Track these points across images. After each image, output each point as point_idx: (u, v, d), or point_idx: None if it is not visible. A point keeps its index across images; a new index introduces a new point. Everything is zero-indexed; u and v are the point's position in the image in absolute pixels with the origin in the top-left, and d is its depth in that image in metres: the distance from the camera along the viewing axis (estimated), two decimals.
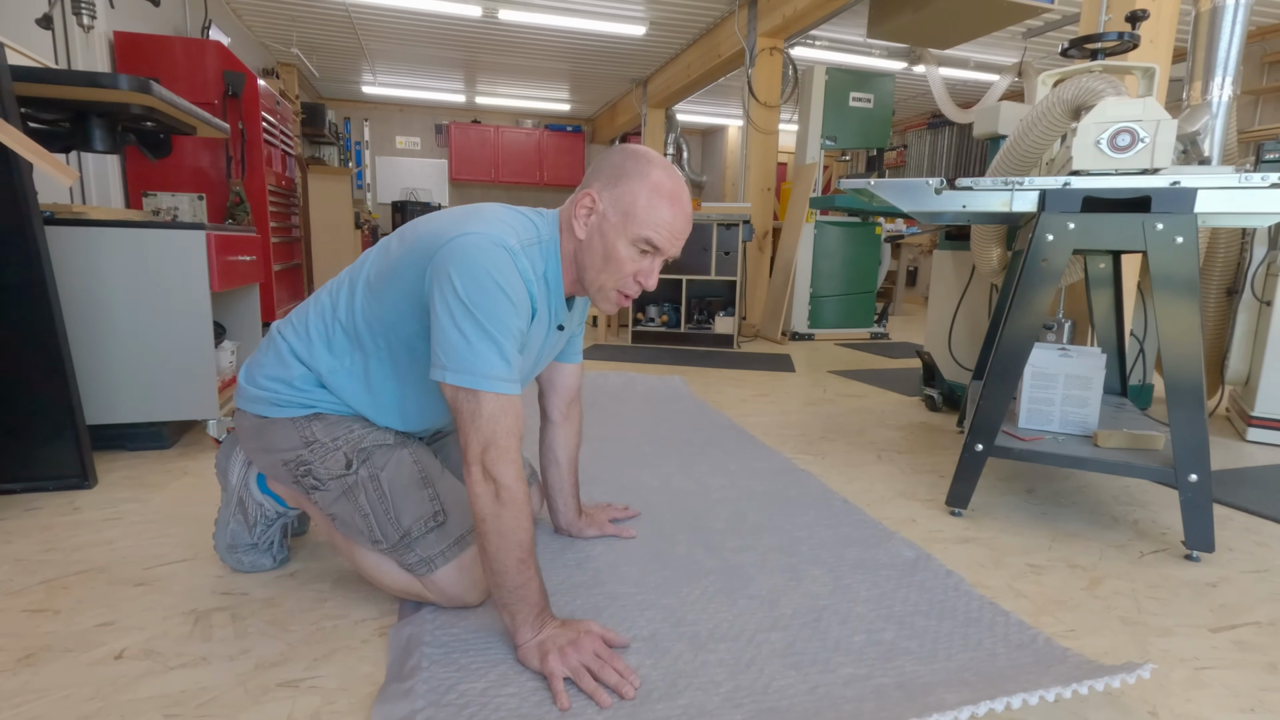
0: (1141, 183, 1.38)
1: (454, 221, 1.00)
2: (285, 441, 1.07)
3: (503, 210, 1.05)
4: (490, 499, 0.92)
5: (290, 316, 1.12)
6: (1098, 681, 0.88)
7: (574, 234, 1.05)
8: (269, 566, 1.22)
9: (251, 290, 2.43)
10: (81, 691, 0.89)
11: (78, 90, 1.65)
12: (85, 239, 1.73)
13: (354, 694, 0.91)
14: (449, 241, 0.96)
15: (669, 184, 1.03)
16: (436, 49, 6.50)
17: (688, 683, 0.93)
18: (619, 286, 1.06)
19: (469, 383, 0.92)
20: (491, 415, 0.93)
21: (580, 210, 1.04)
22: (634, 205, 1.01)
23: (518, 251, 0.98)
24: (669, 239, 1.03)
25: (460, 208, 1.06)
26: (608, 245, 1.03)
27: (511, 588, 0.94)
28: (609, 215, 1.03)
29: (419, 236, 1.01)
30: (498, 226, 0.99)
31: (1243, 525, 1.59)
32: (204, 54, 3.41)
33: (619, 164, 1.04)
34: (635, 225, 1.02)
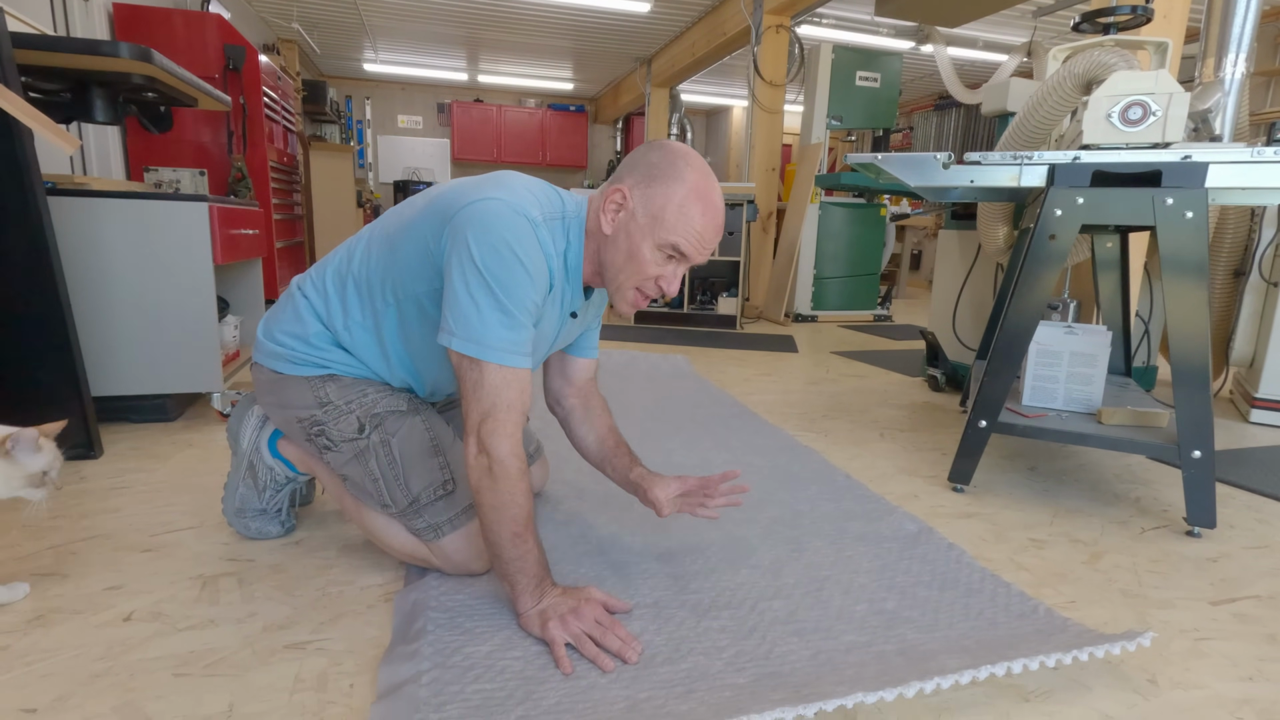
0: (1152, 157, 1.36)
1: (478, 185, 0.98)
2: (300, 400, 1.07)
3: (530, 180, 1.03)
4: (483, 472, 0.91)
5: (310, 272, 1.12)
6: (1098, 648, 0.89)
7: (599, 227, 1.02)
8: (275, 534, 1.23)
9: (254, 265, 2.42)
10: (91, 651, 0.90)
11: (78, 58, 1.63)
12: (88, 210, 1.72)
13: (360, 656, 0.92)
14: (469, 205, 0.94)
15: (703, 191, 0.99)
16: (439, 25, 6.42)
17: (690, 648, 0.93)
18: (639, 287, 1.03)
19: (474, 351, 0.91)
20: (494, 387, 0.92)
21: (609, 205, 1.01)
22: (664, 209, 0.98)
23: (539, 223, 0.96)
24: (697, 247, 1.00)
25: (487, 174, 1.03)
26: (632, 245, 1.00)
27: (508, 559, 0.94)
28: (638, 215, 0.99)
29: (441, 195, 1.00)
30: (523, 195, 0.97)
31: (1244, 503, 1.59)
32: (204, 27, 3.37)
33: (655, 162, 1.00)
34: (663, 230, 0.98)
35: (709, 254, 1.03)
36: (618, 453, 1.24)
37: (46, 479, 0.97)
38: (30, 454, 0.95)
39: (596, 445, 1.25)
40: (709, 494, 1.17)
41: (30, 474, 0.95)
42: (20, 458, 0.95)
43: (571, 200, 1.06)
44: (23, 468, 0.95)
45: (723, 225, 1.03)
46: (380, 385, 1.10)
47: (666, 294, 1.04)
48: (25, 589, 1.04)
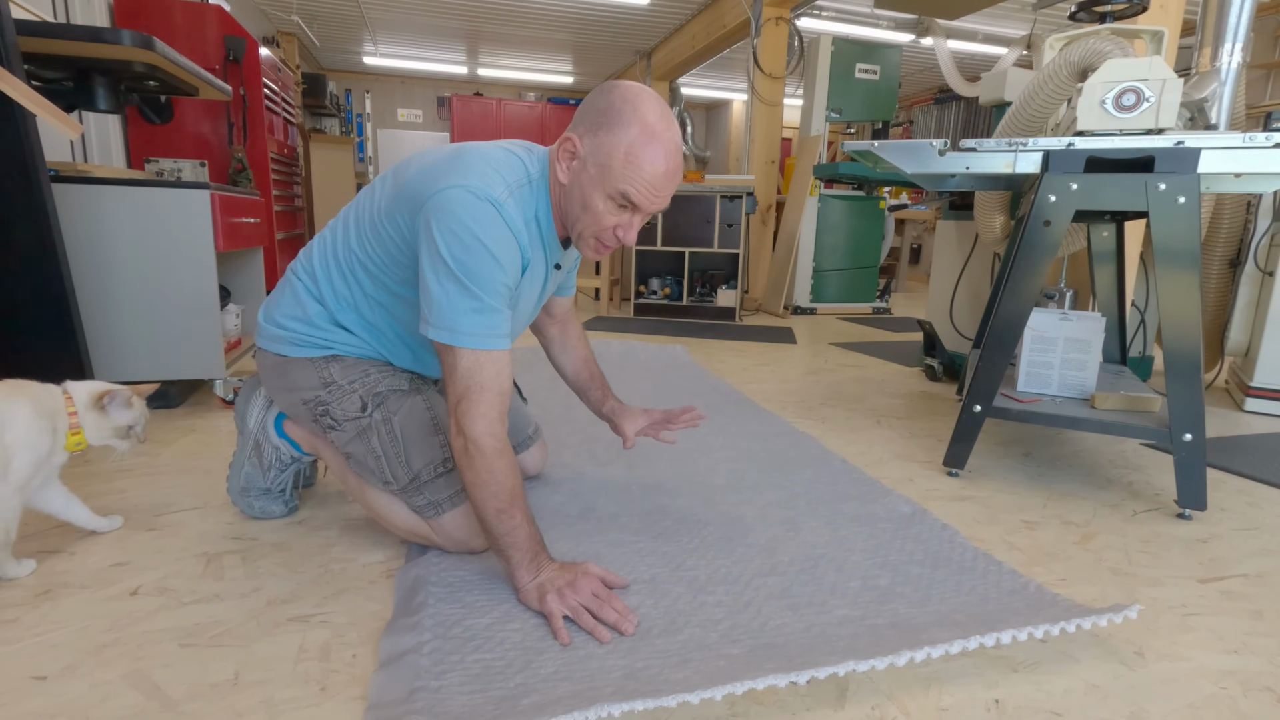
0: (1145, 143, 1.37)
1: (440, 168, 0.96)
2: (304, 381, 1.09)
3: (491, 151, 1.01)
4: (461, 452, 0.94)
5: (300, 255, 1.14)
6: (1085, 620, 0.91)
7: (558, 178, 1.01)
8: (279, 514, 1.25)
9: (255, 254, 2.43)
10: (99, 623, 0.92)
11: (80, 46, 1.64)
12: (90, 197, 1.74)
13: (362, 628, 0.93)
14: (435, 195, 0.93)
15: (651, 136, 0.94)
16: (438, 18, 6.42)
17: (686, 620, 0.95)
18: (596, 235, 1.02)
19: (448, 339, 0.93)
20: (467, 370, 0.93)
21: (563, 154, 0.99)
22: (611, 157, 0.95)
23: (504, 203, 0.94)
24: (648, 196, 0.97)
25: (449, 147, 1.02)
26: (585, 196, 0.98)
27: (498, 534, 0.96)
28: (588, 165, 0.97)
29: (408, 183, 1.00)
30: (485, 175, 0.95)
31: (1236, 488, 1.61)
32: (204, 18, 3.38)
33: (603, 108, 0.97)
34: (611, 179, 0.95)
35: (665, 201, 1.00)
36: (592, 384, 1.36)
37: (131, 433, 1.10)
38: (122, 410, 1.08)
39: (573, 373, 1.37)
40: (671, 423, 1.33)
41: (118, 427, 1.08)
42: (112, 413, 1.07)
43: (534, 160, 1.04)
44: (112, 421, 1.07)
45: (677, 170, 0.98)
46: (383, 365, 1.12)
47: (625, 243, 1.02)
48: (32, 565, 1.05)
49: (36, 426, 1.01)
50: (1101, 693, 0.85)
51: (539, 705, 0.75)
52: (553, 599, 0.93)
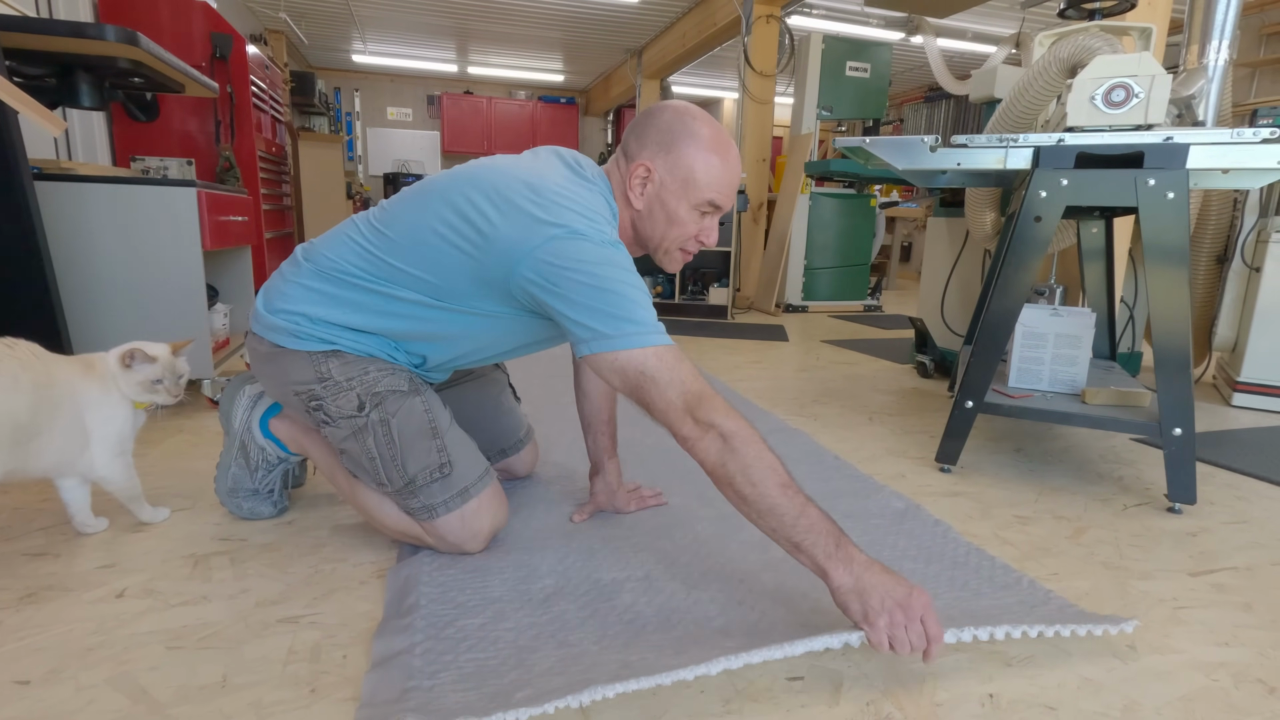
0: (1134, 138, 1.38)
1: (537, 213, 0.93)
2: (299, 374, 1.06)
3: (573, 188, 0.99)
4: (720, 447, 0.85)
5: (319, 245, 1.09)
6: (1080, 627, 0.91)
7: (630, 203, 1.07)
8: (268, 514, 1.23)
9: (244, 253, 2.41)
10: (84, 626, 0.91)
11: (63, 41, 1.62)
12: (74, 195, 1.71)
13: (353, 629, 0.92)
14: (548, 242, 0.91)
15: (719, 141, 1.04)
16: (428, 15, 6.38)
17: (681, 618, 0.95)
18: (683, 246, 1.10)
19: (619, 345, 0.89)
20: (670, 367, 0.89)
21: (635, 180, 1.05)
22: (692, 171, 1.03)
23: (618, 243, 0.97)
24: (728, 195, 1.06)
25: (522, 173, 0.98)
26: (670, 212, 1.05)
27: (792, 520, 0.83)
28: (667, 183, 1.04)
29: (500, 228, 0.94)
30: (590, 219, 0.95)
31: (1224, 482, 1.62)
32: (190, 15, 3.34)
33: (666, 128, 1.04)
34: (696, 190, 1.03)
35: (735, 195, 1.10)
36: (603, 430, 1.30)
37: (159, 386, 1.15)
38: (144, 365, 1.14)
39: (591, 409, 1.30)
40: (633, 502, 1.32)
41: (143, 381, 1.13)
42: (136, 369, 1.13)
43: (602, 188, 1.06)
44: (136, 376, 1.13)
45: (739, 162, 1.09)
46: (383, 363, 1.08)
47: (709, 245, 1.10)
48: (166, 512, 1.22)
49: (109, 400, 1.11)
50: (1095, 686, 0.85)
51: (533, 697, 0.74)
52: (884, 622, 0.79)
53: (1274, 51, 5.19)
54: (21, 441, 1.00)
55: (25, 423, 1.00)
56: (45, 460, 1.05)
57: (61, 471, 1.10)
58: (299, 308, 1.06)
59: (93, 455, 1.10)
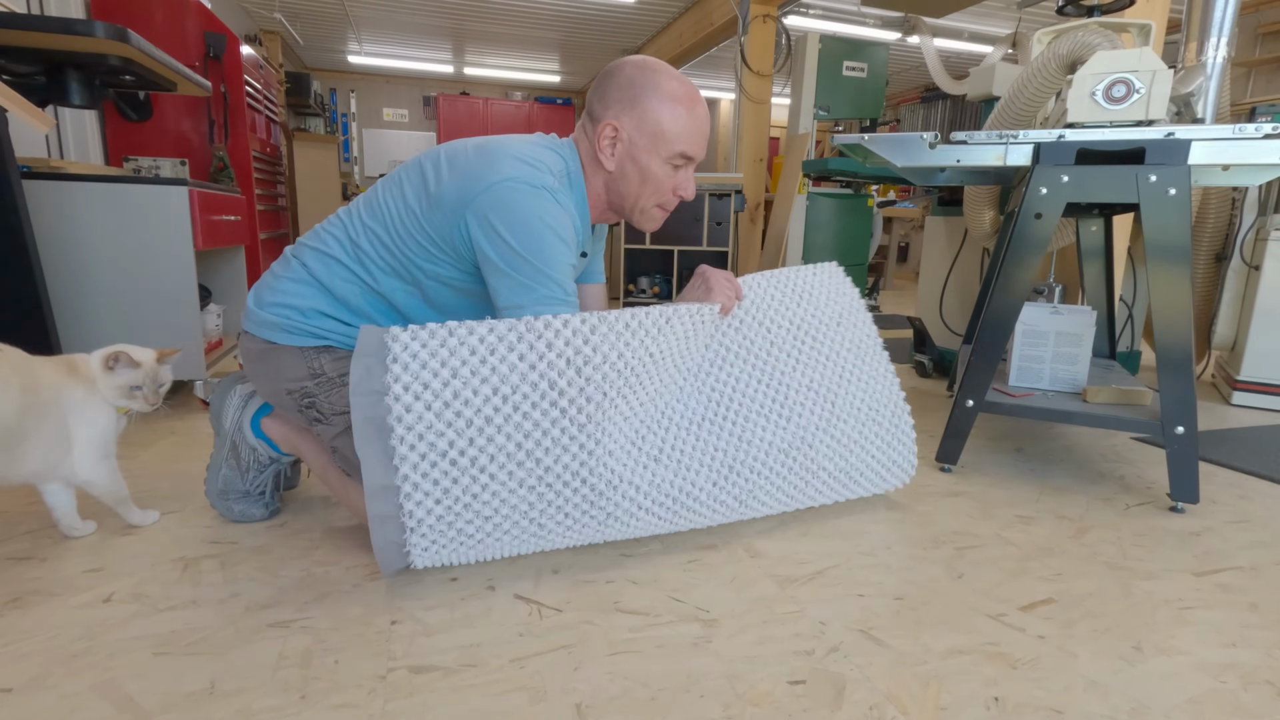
0: (1135, 134, 1.37)
1: (481, 167, 0.98)
2: (292, 371, 1.05)
3: (526, 146, 1.03)
4: None
5: (306, 240, 1.10)
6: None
7: (601, 166, 1.06)
8: (259, 517, 1.21)
9: (237, 253, 2.39)
10: (70, 632, 0.89)
11: (52, 38, 1.59)
12: (64, 194, 1.69)
13: (345, 633, 0.91)
14: (485, 191, 0.95)
15: (683, 91, 1.04)
16: (424, 16, 6.36)
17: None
18: (659, 203, 1.10)
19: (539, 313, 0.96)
20: None
21: (603, 141, 1.05)
22: (659, 124, 1.03)
23: (558, 190, 0.99)
24: (699, 145, 1.06)
25: (477, 143, 1.03)
26: (642, 168, 1.05)
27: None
28: (636, 140, 1.04)
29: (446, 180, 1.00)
30: (532, 166, 0.98)
31: (1226, 480, 1.61)
32: (184, 14, 3.32)
33: (627, 83, 1.03)
34: (666, 143, 1.04)
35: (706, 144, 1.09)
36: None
37: (137, 393, 1.11)
38: (126, 369, 1.12)
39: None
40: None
41: (121, 386, 1.10)
42: (119, 372, 1.11)
43: (565, 151, 1.08)
44: (117, 379, 1.11)
45: (708, 111, 1.09)
46: None
47: (687, 197, 1.11)
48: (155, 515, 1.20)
49: (92, 403, 1.09)
50: (1101, 689, 0.83)
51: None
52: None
53: (1269, 51, 5.20)
54: (8, 446, 0.99)
55: (13, 427, 0.98)
56: (29, 465, 1.03)
57: (46, 476, 1.07)
58: (289, 300, 1.06)
59: (76, 459, 1.08)
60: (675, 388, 1.10)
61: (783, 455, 1.15)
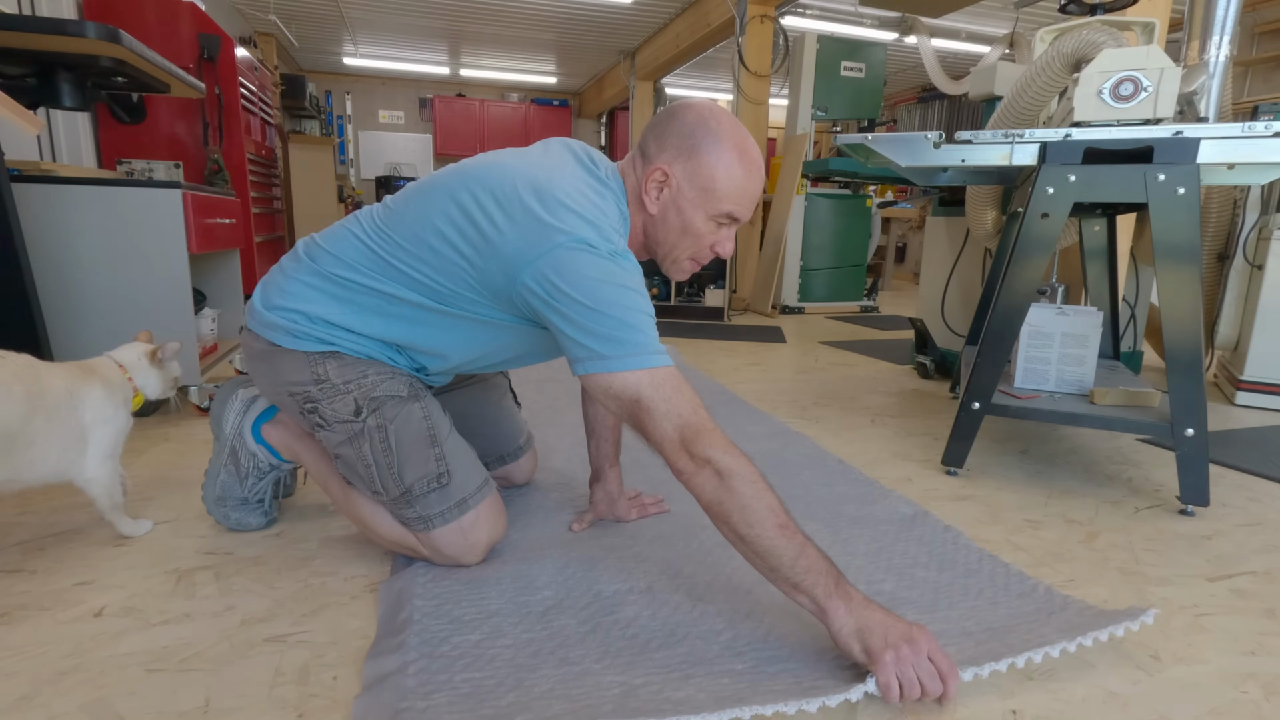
0: (1144, 133, 1.35)
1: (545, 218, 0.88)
2: (295, 374, 1.01)
3: (581, 184, 0.95)
4: (716, 484, 0.82)
5: (321, 241, 1.04)
6: (1102, 632, 0.87)
7: (644, 207, 1.02)
8: (256, 525, 1.19)
9: (232, 256, 2.36)
10: (59, 648, 0.86)
11: (42, 39, 1.57)
12: (55, 197, 1.66)
13: (344, 648, 0.88)
14: (551, 251, 0.87)
15: (743, 151, 0.98)
16: (420, 18, 6.34)
17: (686, 632, 0.91)
18: (694, 256, 1.04)
19: (614, 366, 0.85)
20: (667, 396, 0.85)
21: (651, 185, 1.00)
22: (712, 180, 0.97)
23: (625, 251, 0.92)
24: (748, 208, 1.00)
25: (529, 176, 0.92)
26: (685, 220, 1.00)
27: (787, 560, 0.80)
28: (684, 190, 0.98)
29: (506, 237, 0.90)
30: (595, 226, 0.90)
31: (1235, 482, 1.59)
32: (178, 16, 3.29)
33: (688, 131, 0.97)
34: (715, 201, 0.98)
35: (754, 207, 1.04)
36: (607, 437, 1.26)
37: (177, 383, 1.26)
38: (173, 361, 1.24)
39: (594, 415, 1.26)
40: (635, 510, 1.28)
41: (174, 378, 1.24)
42: (168, 364, 1.23)
43: (614, 188, 1.01)
44: (170, 373, 1.23)
45: (764, 172, 1.03)
46: (383, 367, 1.04)
47: (723, 257, 1.04)
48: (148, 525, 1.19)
49: (111, 402, 1.12)
50: (1121, 700, 0.81)
51: None
52: (890, 659, 0.76)
53: (1266, 50, 5.20)
54: (16, 451, 0.99)
55: (17, 432, 0.98)
56: (42, 469, 1.04)
57: (56, 478, 1.07)
58: (298, 305, 1.01)
59: (86, 458, 1.08)
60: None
61: None
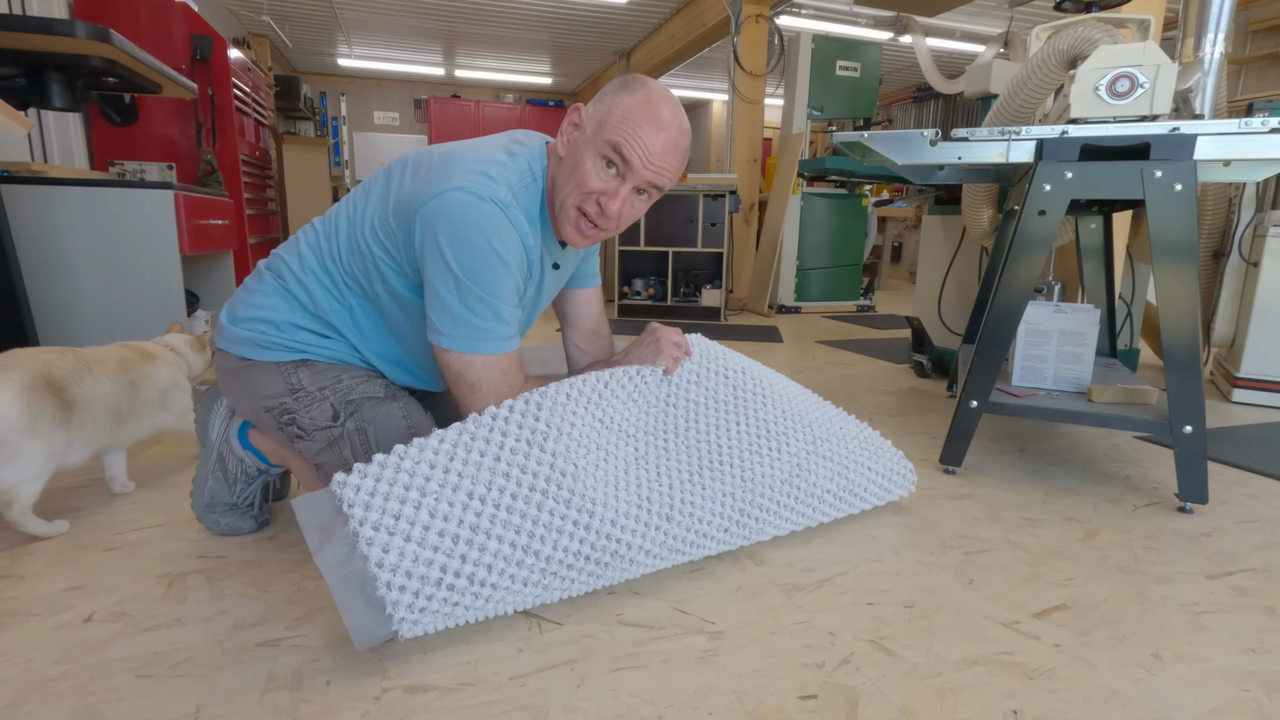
0: (1140, 129, 1.35)
1: (437, 171, 0.93)
2: (269, 388, 1.01)
3: (493, 149, 0.97)
4: None
5: (280, 252, 1.06)
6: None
7: (558, 155, 0.99)
8: (247, 530, 1.17)
9: (225, 258, 2.35)
10: (48, 655, 0.85)
11: (32, 39, 1.56)
12: (45, 198, 1.65)
13: (337, 652, 0.87)
14: (433, 199, 0.89)
15: (656, 105, 0.92)
16: (414, 18, 6.32)
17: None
18: (578, 204, 0.96)
19: (461, 346, 0.93)
20: (479, 376, 0.95)
21: (567, 125, 0.98)
22: (609, 114, 0.92)
23: (510, 204, 0.92)
24: (641, 154, 0.92)
25: (448, 147, 0.98)
26: (576, 157, 0.95)
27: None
28: (586, 128, 0.95)
29: (401, 186, 0.96)
30: (486, 175, 0.92)
31: (1233, 479, 1.59)
32: (170, 16, 3.27)
33: (616, 83, 0.97)
34: (604, 132, 0.92)
35: (660, 174, 0.94)
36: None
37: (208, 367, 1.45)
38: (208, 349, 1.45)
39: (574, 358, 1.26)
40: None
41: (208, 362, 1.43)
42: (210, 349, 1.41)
43: (538, 153, 1.01)
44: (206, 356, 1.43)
45: (676, 146, 0.94)
46: (357, 370, 1.05)
47: (607, 212, 0.95)
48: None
49: (181, 375, 1.38)
50: (1122, 700, 0.81)
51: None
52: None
53: (1260, 48, 5.22)
54: (123, 422, 1.24)
55: (127, 411, 1.25)
56: (135, 434, 1.29)
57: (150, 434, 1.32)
58: (263, 315, 1.02)
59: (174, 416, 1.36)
60: (659, 446, 1.06)
61: (785, 485, 1.11)
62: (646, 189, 0.96)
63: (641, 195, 0.97)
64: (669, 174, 0.96)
